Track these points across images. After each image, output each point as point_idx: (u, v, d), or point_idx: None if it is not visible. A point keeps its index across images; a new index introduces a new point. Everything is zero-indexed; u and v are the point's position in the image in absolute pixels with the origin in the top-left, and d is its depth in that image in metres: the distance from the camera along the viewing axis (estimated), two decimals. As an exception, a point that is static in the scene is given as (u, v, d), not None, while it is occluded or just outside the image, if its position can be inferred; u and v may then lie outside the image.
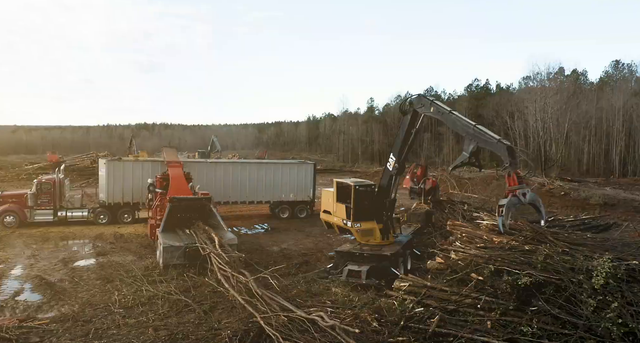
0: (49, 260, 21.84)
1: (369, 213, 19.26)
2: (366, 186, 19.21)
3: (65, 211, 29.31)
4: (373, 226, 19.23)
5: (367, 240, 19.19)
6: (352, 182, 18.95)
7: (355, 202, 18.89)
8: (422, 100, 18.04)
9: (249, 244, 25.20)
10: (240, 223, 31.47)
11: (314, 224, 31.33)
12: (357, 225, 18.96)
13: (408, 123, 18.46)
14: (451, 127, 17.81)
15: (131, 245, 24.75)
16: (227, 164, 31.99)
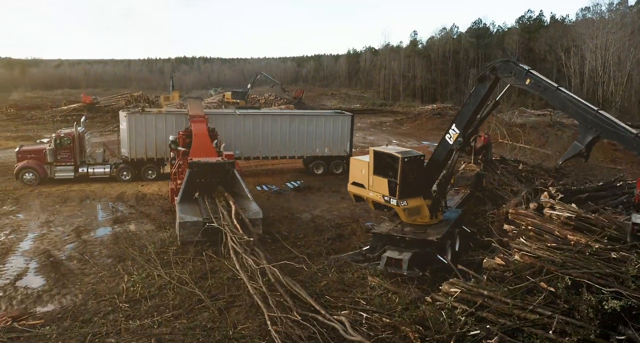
0: (63, 227, 20.26)
1: (415, 188, 16.52)
2: (415, 158, 16.33)
3: (86, 167, 27.64)
4: (421, 203, 16.53)
5: (413, 220, 16.56)
6: (399, 153, 16.05)
7: (403, 176, 16.09)
8: (512, 68, 14.34)
9: (278, 210, 22.99)
10: (270, 180, 29.24)
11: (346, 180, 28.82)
12: (403, 203, 16.27)
13: (485, 92, 15.09)
14: (558, 107, 14.24)
15: (152, 209, 22.92)
16: (257, 116, 29.35)
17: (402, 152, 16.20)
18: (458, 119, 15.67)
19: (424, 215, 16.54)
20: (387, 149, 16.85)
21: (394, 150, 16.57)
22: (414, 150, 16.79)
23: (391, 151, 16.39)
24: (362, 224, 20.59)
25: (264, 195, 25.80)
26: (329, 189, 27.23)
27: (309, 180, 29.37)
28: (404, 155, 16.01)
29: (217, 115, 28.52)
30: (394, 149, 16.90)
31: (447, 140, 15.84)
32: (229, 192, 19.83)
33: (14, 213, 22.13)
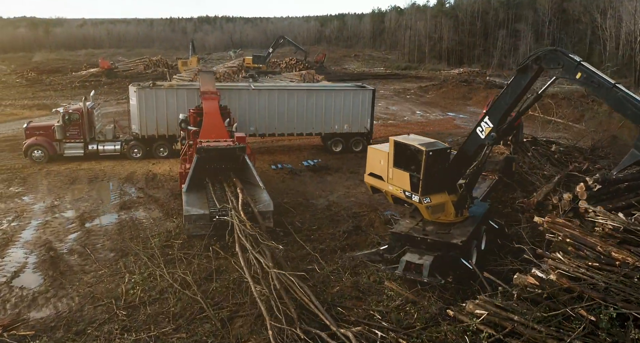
0: (67, 213, 19.43)
1: (440, 183, 15.06)
2: (440, 151, 14.78)
3: (96, 144, 26.69)
4: (445, 200, 15.08)
5: (437, 218, 15.18)
6: (423, 145, 14.51)
7: (427, 171, 14.61)
8: (561, 59, 12.38)
9: (293, 194, 21.78)
10: (286, 158, 27.94)
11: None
12: (426, 200, 14.85)
13: (525, 84, 13.29)
14: (613, 107, 12.21)
15: (161, 192, 21.92)
16: (272, 90, 27.78)
17: (426, 144, 14.66)
18: (492, 111, 13.96)
19: (449, 212, 15.12)
20: (409, 139, 15.31)
21: (417, 141, 15.02)
22: (439, 142, 15.18)
23: (414, 142, 14.85)
24: (380, 214, 19.30)
25: (278, 177, 24.59)
26: (347, 170, 25.84)
27: (327, 158, 28.01)
28: (429, 148, 14.48)
29: (230, 90, 27.07)
30: (416, 139, 15.34)
31: (478, 134, 14.20)
32: (239, 179, 18.68)
33: (20, 196, 21.38)
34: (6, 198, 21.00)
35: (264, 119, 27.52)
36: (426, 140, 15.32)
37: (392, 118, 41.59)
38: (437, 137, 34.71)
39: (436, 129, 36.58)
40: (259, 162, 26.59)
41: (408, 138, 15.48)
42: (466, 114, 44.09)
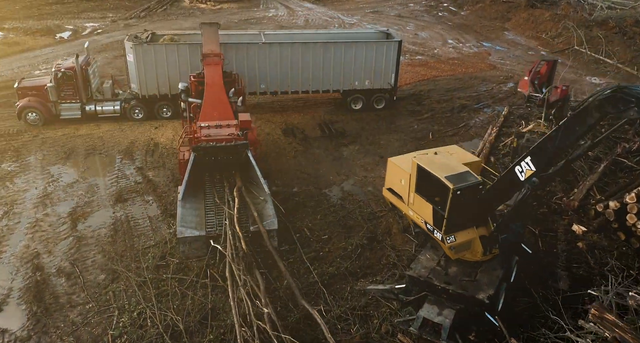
0: (60, 207, 17.97)
1: (468, 219, 12.92)
2: (470, 188, 12.39)
3: (94, 105, 24.52)
4: (472, 237, 13.00)
5: (462, 255, 13.24)
6: (449, 180, 12.14)
7: (453, 209, 12.43)
8: (630, 96, 9.63)
9: (304, 180, 19.81)
10: (299, 119, 25.47)
11: (391, 122, 24.89)
12: (450, 240, 12.80)
13: (582, 132, 10.49)
14: None
15: (161, 174, 20.15)
16: (285, 44, 24.55)
17: (454, 178, 12.29)
18: (536, 152, 11.33)
19: (476, 251, 13.12)
20: (434, 164, 12.90)
21: (444, 169, 12.63)
22: (470, 173, 12.71)
23: (440, 173, 12.48)
24: (398, 216, 17.29)
25: (289, 148, 22.39)
26: (366, 139, 23.41)
27: (345, 119, 25.48)
28: (457, 184, 12.13)
29: (238, 45, 24.02)
30: (442, 165, 12.90)
31: (516, 174, 11.71)
32: (242, 179, 16.76)
33: (12, 177, 19.88)
34: (-4, 182, 19.58)
35: (276, 76, 24.73)
36: (454, 166, 12.88)
37: (421, 50, 37.73)
38: (468, 83, 31.52)
39: (469, 70, 33.04)
40: (269, 125, 24.41)
41: (434, 161, 13.08)
42: (503, 44, 39.79)
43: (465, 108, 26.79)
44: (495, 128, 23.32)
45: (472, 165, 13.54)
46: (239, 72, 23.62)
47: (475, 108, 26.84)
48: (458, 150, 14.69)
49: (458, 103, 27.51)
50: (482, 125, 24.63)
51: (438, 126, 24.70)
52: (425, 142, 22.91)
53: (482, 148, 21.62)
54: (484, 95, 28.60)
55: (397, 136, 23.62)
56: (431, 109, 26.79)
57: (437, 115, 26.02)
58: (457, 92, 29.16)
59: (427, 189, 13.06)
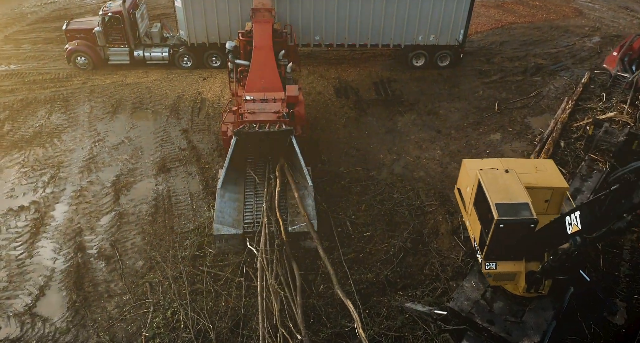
0: (105, 173, 17.89)
1: (515, 252, 11.80)
2: (519, 224, 11.13)
3: (143, 50, 23.63)
4: (517, 270, 11.91)
5: (502, 284, 12.28)
6: (499, 210, 10.94)
7: (495, 240, 11.37)
8: None
9: (352, 157, 18.67)
10: (354, 74, 23.77)
11: (454, 85, 22.85)
12: (488, 267, 11.84)
13: (630, 207, 8.84)
14: None
15: (206, 140, 19.54)
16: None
17: (504, 209, 11.08)
18: (585, 210, 9.73)
19: (519, 285, 12.07)
20: (495, 185, 11.65)
21: (504, 191, 11.43)
22: (527, 207, 11.23)
23: (494, 198, 11.29)
24: (448, 213, 16.17)
25: (340, 114, 21.05)
26: (424, 106, 21.63)
27: (404, 78, 23.57)
28: (503, 216, 10.97)
29: (290, -5, 22.02)
30: (506, 186, 11.59)
31: (565, 224, 10.23)
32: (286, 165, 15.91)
33: (59, 133, 19.86)
34: (46, 138, 19.56)
35: (332, 27, 22.77)
36: (516, 193, 11.51)
37: None
38: (547, 34, 28.01)
39: (550, 16, 29.50)
40: (321, 82, 22.98)
41: (497, 181, 11.80)
42: None
43: (540, 70, 24.11)
44: (571, 102, 20.95)
45: (555, 191, 12.16)
46: (291, 23, 21.94)
47: (552, 70, 24.10)
48: (549, 167, 12.99)
49: (533, 62, 24.79)
50: (556, 96, 22.18)
51: (506, 93, 22.44)
52: (489, 115, 21.00)
53: (552, 128, 19.56)
54: (564, 52, 25.59)
55: (458, 104, 21.68)
56: (501, 68, 24.29)
57: (507, 77, 23.59)
58: (534, 47, 26.22)
59: (481, 207, 11.95)
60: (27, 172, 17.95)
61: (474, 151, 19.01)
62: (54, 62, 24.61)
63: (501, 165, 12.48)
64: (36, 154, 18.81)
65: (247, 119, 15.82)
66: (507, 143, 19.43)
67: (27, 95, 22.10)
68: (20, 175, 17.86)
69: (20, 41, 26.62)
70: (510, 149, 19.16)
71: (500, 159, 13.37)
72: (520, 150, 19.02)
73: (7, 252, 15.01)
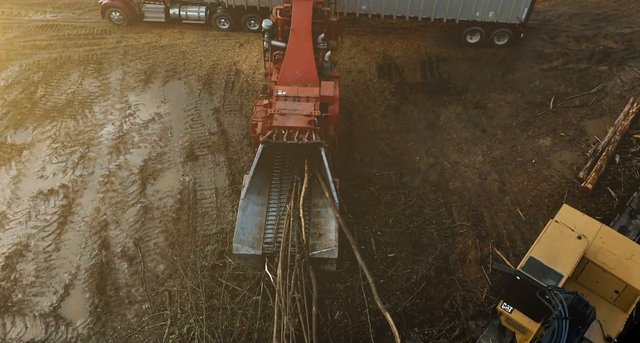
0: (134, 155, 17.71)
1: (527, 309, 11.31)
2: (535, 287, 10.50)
3: (178, 8, 22.36)
4: (530, 328, 11.40)
5: (512, 329, 11.93)
6: (525, 264, 10.85)
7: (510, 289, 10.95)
8: None
9: (386, 154, 17.76)
10: (401, 48, 22.03)
11: (509, 70, 21.03)
12: (504, 306, 11.50)
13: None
14: None
15: (236, 123, 18.88)
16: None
17: (533, 266, 10.91)
18: None
19: (526, 338, 11.62)
20: (551, 241, 11.29)
21: (553, 252, 11.07)
22: (556, 275, 10.52)
23: (534, 251, 11.03)
24: (479, 238, 15.43)
25: (379, 100, 19.77)
26: (471, 96, 19.99)
27: (454, 57, 21.73)
28: (524, 272, 10.73)
29: (339, -42, 19.91)
30: (561, 249, 11.03)
31: None
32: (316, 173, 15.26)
33: (91, 104, 19.57)
34: (78, 107, 19.33)
35: (381, -4, 20.81)
36: (561, 261, 10.86)
37: None
38: (625, 8, 24.69)
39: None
40: (364, 57, 21.52)
41: (557, 238, 11.38)
42: None
43: (609, 56, 21.69)
44: (636, 104, 18.96)
45: (630, 289, 11.16)
46: (337, -8, 20.09)
47: (622, 57, 21.63)
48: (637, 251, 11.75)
49: (602, 45, 22.28)
50: (621, 93, 20.06)
51: (565, 86, 20.43)
52: (542, 113, 19.31)
53: (609, 138, 17.89)
54: (639, 34, 22.81)
55: (510, 97, 19.96)
56: (565, 51, 21.97)
57: (570, 64, 21.38)
58: (606, 24, 23.45)
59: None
60: (57, 149, 17.92)
61: (518, 159, 17.72)
62: (89, 12, 23.73)
63: (590, 230, 11.61)
64: (67, 128, 18.67)
65: (276, 124, 14.99)
66: (557, 152, 17.98)
67: (61, 54, 21.58)
68: (51, 151, 17.86)
69: (56, -18, 25.59)
70: (559, 159, 17.75)
71: (602, 225, 12.22)
72: (570, 163, 17.60)
73: (35, 243, 15.34)
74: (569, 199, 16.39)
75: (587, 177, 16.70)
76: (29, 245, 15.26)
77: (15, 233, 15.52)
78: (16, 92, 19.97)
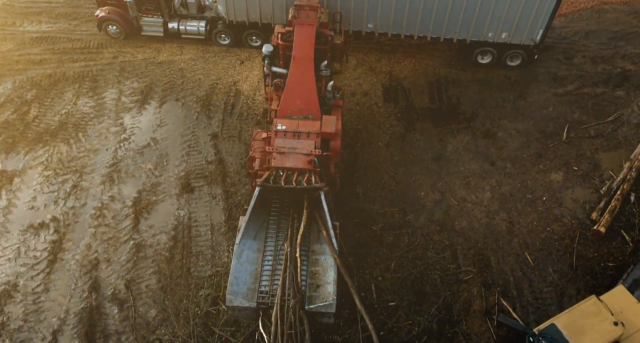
0: (126, 188, 17.07)
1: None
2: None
3: (177, 22, 21.47)
4: None
5: None
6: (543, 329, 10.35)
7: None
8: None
9: (389, 189, 17.00)
10: (408, 68, 21.09)
11: (521, 95, 20.12)
12: None
13: None
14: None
15: (234, 151, 18.17)
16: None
17: (553, 333, 10.02)
18: None
19: None
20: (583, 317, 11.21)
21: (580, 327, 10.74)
22: None
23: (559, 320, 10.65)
24: (485, 286, 14.76)
25: (386, 127, 18.97)
26: (481, 124, 19.11)
27: (464, 79, 20.80)
28: (541, 336, 9.98)
29: (345, -24, 18.92)
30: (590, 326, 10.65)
31: None
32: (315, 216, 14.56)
33: (85, 126, 18.87)
34: (71, 130, 18.66)
35: (388, 15, 19.79)
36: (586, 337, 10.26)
37: None
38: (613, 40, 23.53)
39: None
40: (369, 78, 20.65)
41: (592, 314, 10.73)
42: None
43: (627, 80, 20.67)
44: (654, 137, 18.07)
45: None
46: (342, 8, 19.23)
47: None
48: None
49: (619, 67, 21.25)
50: (638, 123, 19.12)
51: (580, 113, 19.49)
52: (554, 144, 18.44)
53: (625, 175, 17.05)
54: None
55: (521, 125, 19.07)
56: (580, 73, 20.97)
57: (585, 88, 20.40)
58: (625, 44, 22.36)
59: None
60: (49, 177, 17.31)
61: (528, 196, 16.93)
62: (86, 24, 22.89)
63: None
64: (60, 153, 18.03)
65: (274, 163, 14.27)
66: (569, 188, 17.16)
67: (56, 70, 20.84)
68: (43, 179, 17.24)
69: (53, -11, 24.72)
70: (571, 196, 16.95)
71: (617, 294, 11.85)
72: (582, 201, 16.80)
73: (24, 282, 14.82)
74: (580, 242, 15.66)
75: (600, 219, 15.93)
76: (18, 285, 14.74)
77: (3, 272, 15.01)
78: (8, 112, 19.30)
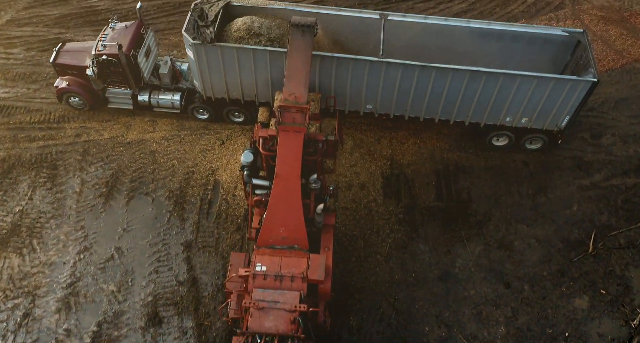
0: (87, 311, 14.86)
1: None
2: None
3: (149, 94, 18.73)
4: None
5: None
6: None
7: None
8: None
9: (387, 323, 14.71)
10: (411, 157, 18.47)
11: (541, 187, 17.74)
12: None
13: None
14: None
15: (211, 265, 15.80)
16: (411, 67, 15.83)
17: None
18: None
19: None
20: None
21: None
22: None
23: None
24: None
25: (385, 233, 16.52)
26: (495, 229, 16.61)
27: (476, 166, 18.20)
28: None
29: (348, 61, 15.99)
30: None
31: None
32: None
33: (41, 230, 16.48)
34: (25, 236, 16.30)
35: (390, 96, 17.06)
36: None
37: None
38: None
39: None
40: (368, 165, 18.26)
41: None
42: None
43: (663, 167, 18.08)
44: (695, 252, 15.61)
45: None
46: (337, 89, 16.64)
47: (679, 169, 18.04)
48: None
49: (655, 148, 18.61)
50: (676, 230, 16.65)
51: (608, 214, 16.97)
52: (579, 258, 16.03)
53: (661, 306, 14.71)
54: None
55: (541, 231, 16.58)
56: (609, 158, 18.32)
57: (615, 179, 17.81)
58: (661, 116, 19.62)
59: None
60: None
61: (548, 331, 14.63)
62: (47, 88, 20.12)
63: None
64: (11, 267, 15.75)
65: (252, 324, 12.06)
66: (595, 319, 14.85)
67: (10, 152, 18.30)
68: (-10, 305, 14.98)
69: (12, 41, 21.84)
70: (597, 330, 14.66)
71: None
72: (610, 338, 14.50)
73: None
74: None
75: (633, 368, 13.65)
76: None
77: None
78: (-48, 211, 16.91)
